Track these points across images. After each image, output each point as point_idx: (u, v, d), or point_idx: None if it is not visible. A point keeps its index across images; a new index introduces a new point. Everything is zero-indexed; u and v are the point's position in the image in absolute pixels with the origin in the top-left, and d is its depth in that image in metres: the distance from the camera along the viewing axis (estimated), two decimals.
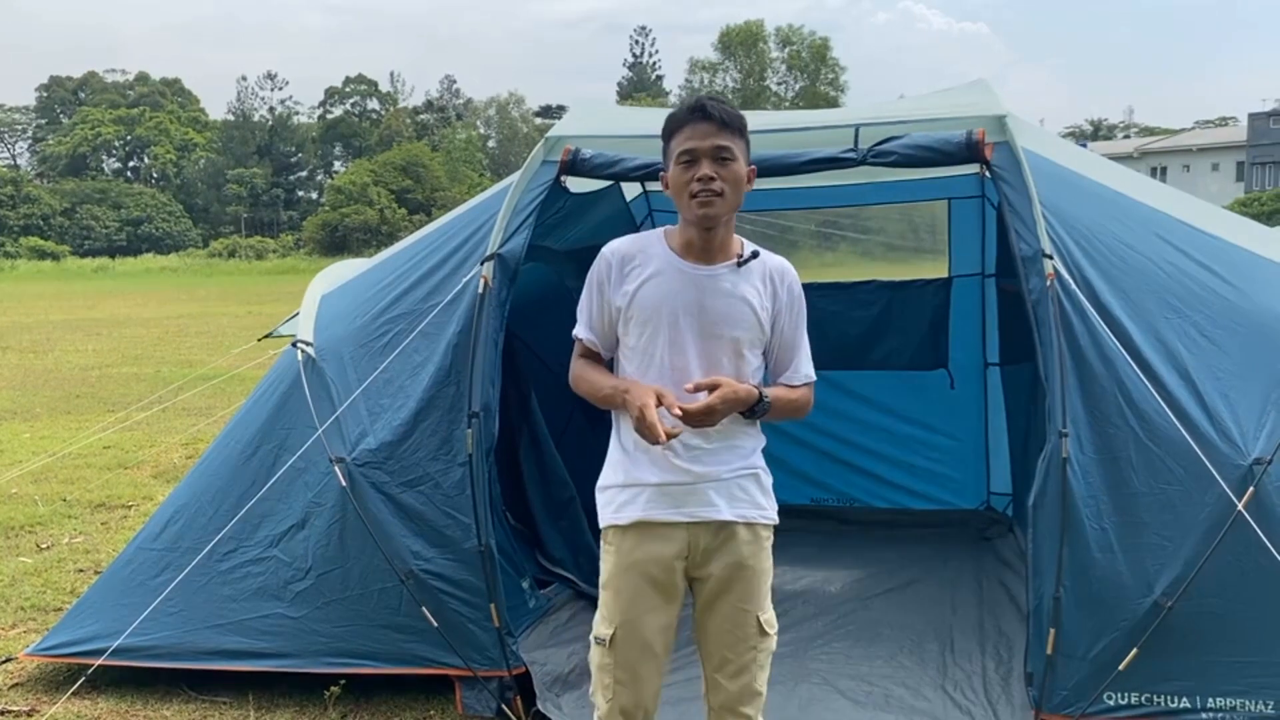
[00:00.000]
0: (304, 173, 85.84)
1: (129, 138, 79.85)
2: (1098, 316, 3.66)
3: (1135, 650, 3.42)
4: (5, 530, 6.72)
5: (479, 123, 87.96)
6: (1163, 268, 3.87)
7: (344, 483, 4.01)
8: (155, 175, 79.64)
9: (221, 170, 77.52)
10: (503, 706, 3.92)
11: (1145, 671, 3.44)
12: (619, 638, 2.70)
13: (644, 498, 2.70)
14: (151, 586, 4.21)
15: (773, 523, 2.80)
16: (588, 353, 2.87)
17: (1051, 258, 3.72)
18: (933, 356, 6.39)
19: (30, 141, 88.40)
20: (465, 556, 3.95)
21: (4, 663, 4.46)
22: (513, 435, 5.17)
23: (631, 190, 6.08)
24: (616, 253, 2.78)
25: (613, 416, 2.83)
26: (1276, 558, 3.33)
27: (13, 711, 4.10)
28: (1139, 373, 3.58)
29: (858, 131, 4.15)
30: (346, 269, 5.21)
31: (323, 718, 4.00)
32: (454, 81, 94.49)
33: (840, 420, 6.52)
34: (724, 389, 2.58)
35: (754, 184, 2.75)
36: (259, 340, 5.66)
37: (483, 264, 4.15)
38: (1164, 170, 58.66)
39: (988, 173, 4.00)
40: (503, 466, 4.85)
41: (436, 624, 3.91)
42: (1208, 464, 3.42)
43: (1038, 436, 4.11)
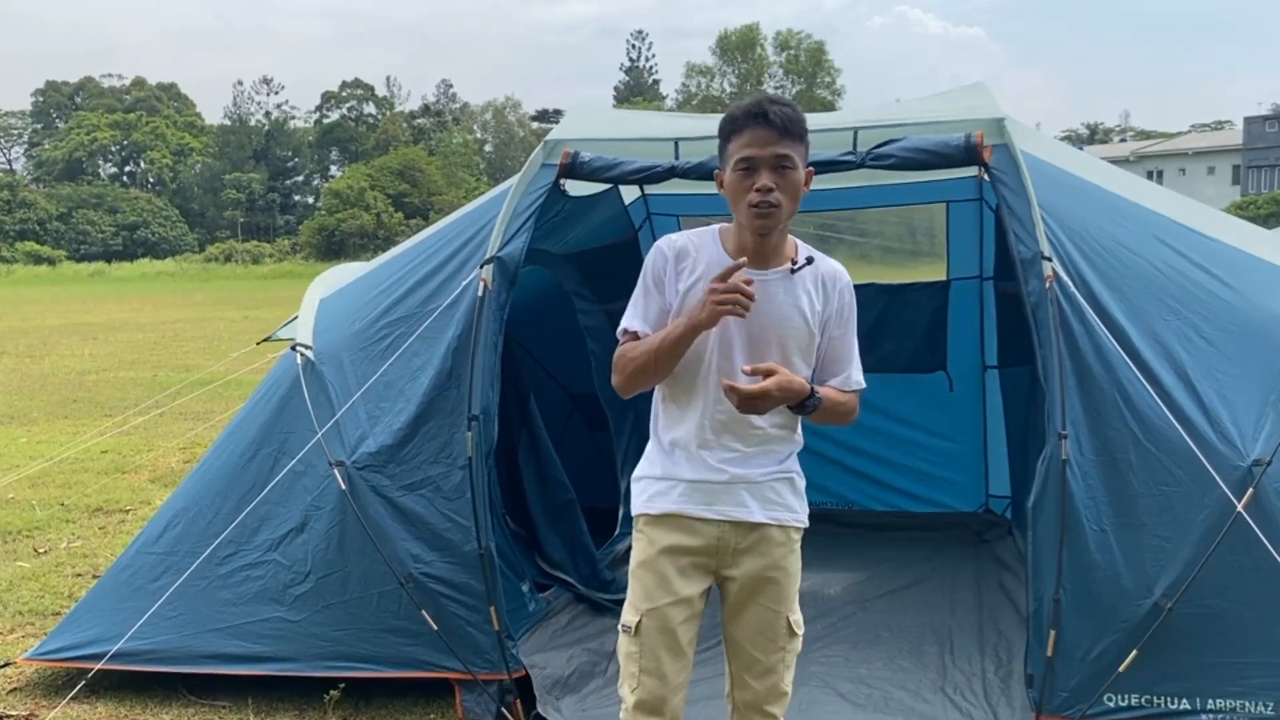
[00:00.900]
0: (300, 177, 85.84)
1: (125, 142, 79.79)
2: (1096, 318, 3.67)
3: (1135, 652, 3.42)
4: (3, 535, 6.71)
5: (475, 127, 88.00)
6: (1161, 270, 3.88)
7: (343, 486, 4.00)
8: (151, 180, 79.60)
9: (218, 175, 77.49)
10: (502, 710, 3.91)
11: (1145, 673, 3.45)
12: (644, 625, 2.70)
13: (678, 491, 2.70)
14: (150, 590, 4.20)
15: (804, 525, 2.81)
16: (635, 339, 2.74)
17: (1050, 260, 3.73)
18: (931, 359, 6.40)
19: (26, 146, 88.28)
20: (465, 560, 3.95)
21: (2, 667, 4.45)
22: (512, 438, 5.17)
23: (630, 193, 6.08)
24: (672, 246, 2.71)
25: (653, 405, 2.79)
26: (1276, 559, 3.33)
27: (11, 716, 4.09)
28: (1138, 374, 3.58)
29: (856, 134, 4.16)
30: (345, 273, 5.21)
31: None
32: (450, 86, 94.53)
33: None
34: (780, 376, 2.53)
35: (812, 185, 2.69)
36: (258, 344, 5.66)
37: (482, 267, 4.15)
38: (1160, 174, 58.79)
39: (986, 175, 4.01)
40: (502, 470, 4.85)
41: (436, 627, 3.90)
42: (1207, 465, 3.43)
43: (1036, 439, 4.12)
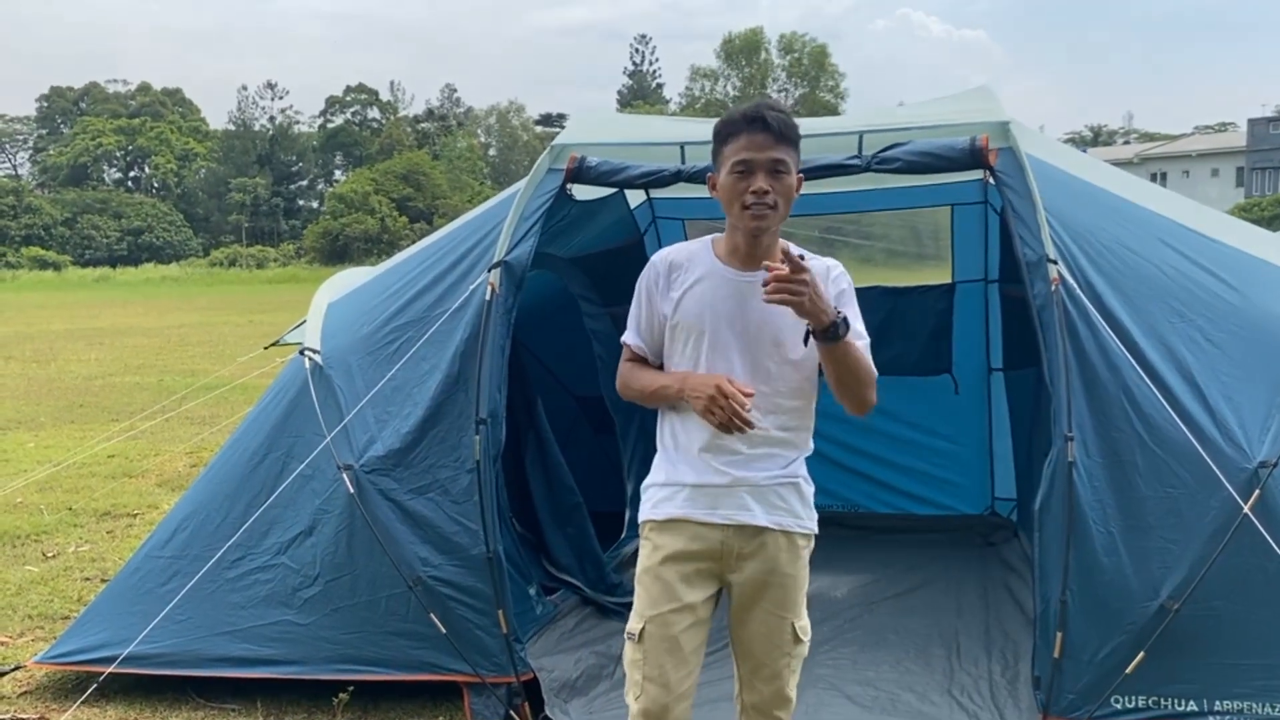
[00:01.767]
0: (305, 182, 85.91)
1: (130, 148, 79.91)
2: (1102, 321, 3.67)
3: (1142, 654, 3.43)
4: (12, 539, 6.73)
5: (479, 131, 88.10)
6: (1167, 272, 3.89)
7: (352, 490, 4.02)
8: (156, 185, 79.69)
9: (222, 179, 77.58)
10: (510, 713, 3.92)
11: (1152, 675, 3.45)
12: (648, 632, 2.71)
13: (681, 496, 2.72)
14: (160, 594, 4.22)
15: (810, 532, 2.81)
16: (635, 358, 2.85)
17: (1056, 263, 3.73)
18: (936, 362, 6.40)
19: (31, 152, 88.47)
20: (473, 563, 3.96)
21: (13, 671, 4.47)
22: (519, 442, 5.19)
23: (636, 197, 6.10)
24: (665, 260, 2.77)
25: (658, 417, 2.83)
26: None
27: (23, 719, 4.11)
28: (1144, 377, 3.59)
29: (861, 138, 4.17)
30: (353, 277, 5.23)
31: None
32: (454, 90, 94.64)
33: (843, 426, 6.51)
34: (809, 274, 2.46)
35: (802, 191, 2.73)
36: (265, 348, 5.67)
37: (489, 271, 4.17)
38: (1164, 176, 58.74)
39: (992, 179, 4.02)
40: (509, 473, 4.86)
41: (444, 630, 3.92)
42: (1213, 467, 3.43)
43: (1042, 441, 4.12)
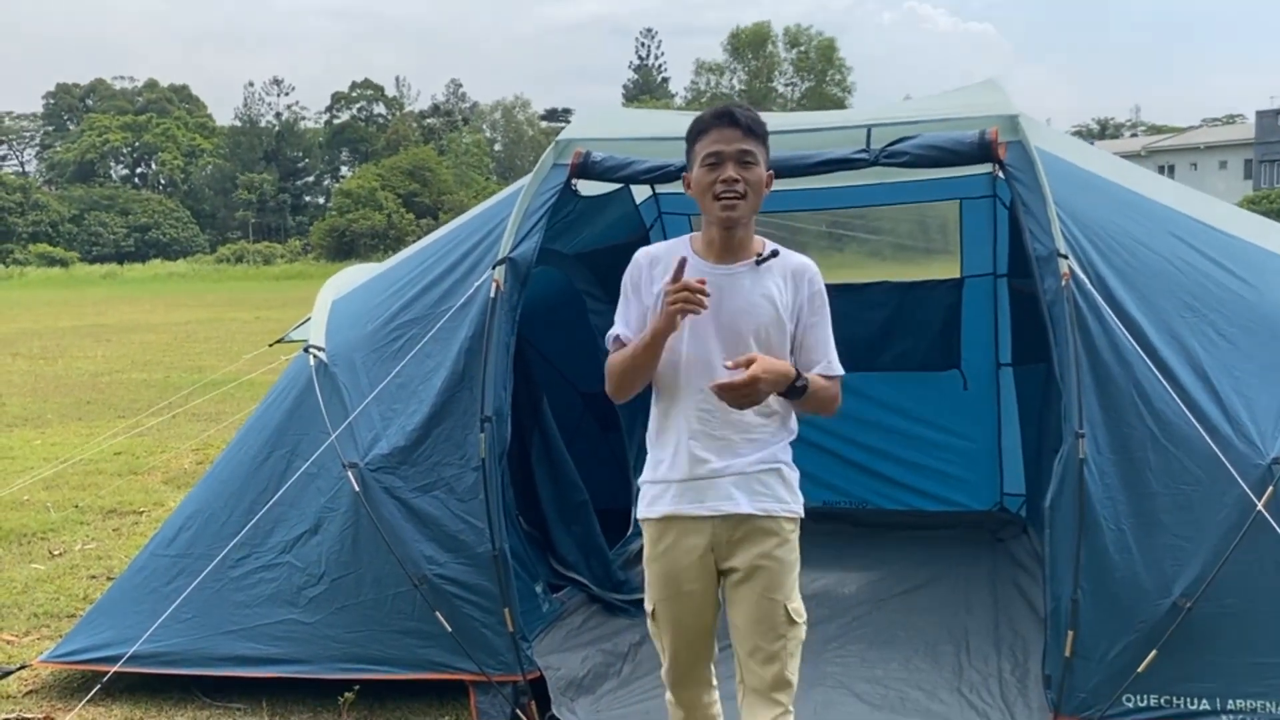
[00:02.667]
0: (311, 178, 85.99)
1: (136, 144, 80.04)
2: (1113, 316, 3.64)
3: (1154, 652, 3.40)
4: (18, 537, 6.73)
5: (484, 126, 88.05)
6: (1178, 266, 3.85)
7: (357, 488, 4.00)
8: (163, 181, 79.83)
9: (229, 176, 77.67)
10: (517, 711, 3.90)
11: (1164, 673, 3.42)
12: (659, 612, 2.93)
13: (671, 494, 2.84)
14: (165, 593, 4.21)
15: (796, 515, 2.88)
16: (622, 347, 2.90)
17: (1066, 257, 3.70)
18: (945, 357, 6.37)
19: (38, 148, 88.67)
20: (478, 561, 3.94)
21: (19, 669, 4.46)
22: (524, 439, 5.16)
23: (641, 193, 6.07)
24: (647, 256, 2.91)
25: (651, 411, 2.92)
26: None
27: (28, 718, 4.10)
28: (1155, 372, 3.56)
29: (869, 132, 4.14)
30: (357, 274, 5.21)
31: None
32: (459, 85, 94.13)
33: (852, 423, 6.48)
34: (761, 361, 2.62)
35: (772, 188, 2.84)
36: (270, 345, 5.66)
37: (494, 268, 4.15)
38: (1171, 168, 58.47)
39: (1001, 172, 3.98)
40: (515, 471, 4.84)
41: (450, 629, 3.90)
42: (1226, 464, 3.40)
43: (1052, 437, 4.09)
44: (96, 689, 4.05)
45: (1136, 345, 3.59)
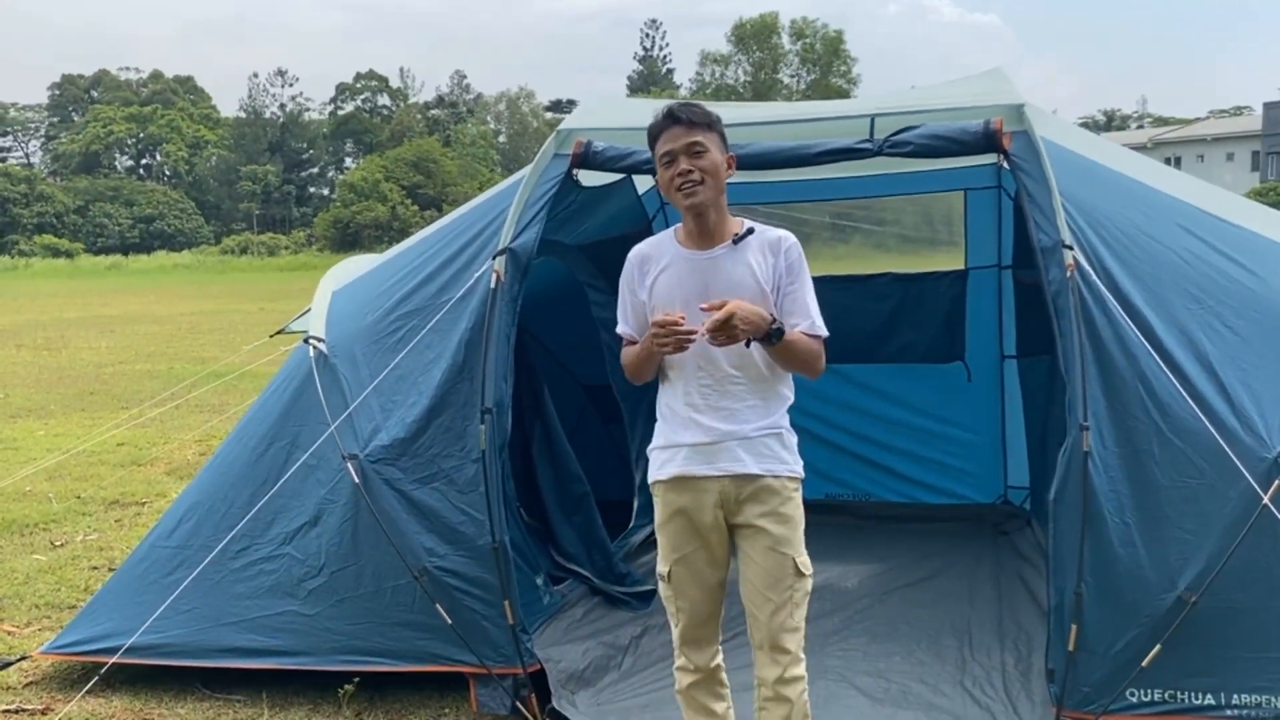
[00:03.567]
0: (315, 169, 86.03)
1: (141, 135, 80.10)
2: (1118, 307, 3.61)
3: (1159, 646, 3.37)
4: (20, 528, 6.73)
5: (489, 118, 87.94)
6: (1184, 257, 3.81)
7: (357, 479, 3.98)
8: (167, 172, 79.92)
9: (233, 167, 77.73)
10: (517, 704, 3.89)
11: (1169, 668, 3.39)
12: (674, 572, 3.09)
13: (681, 456, 3.03)
14: (165, 584, 4.19)
15: (798, 475, 3.06)
16: (629, 344, 3.17)
17: (1071, 248, 3.66)
18: (949, 349, 6.34)
19: (43, 140, 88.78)
20: (479, 553, 3.92)
21: (19, 661, 4.45)
22: (526, 431, 5.14)
23: (644, 183, 6.03)
24: (637, 255, 3.14)
25: (657, 389, 3.14)
26: None
27: (28, 710, 4.09)
28: (1161, 364, 3.52)
29: (873, 122, 4.11)
30: (357, 265, 5.19)
31: (337, 716, 3.98)
32: (464, 77, 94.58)
33: (855, 415, 6.48)
34: (735, 301, 2.82)
35: (734, 170, 3.06)
36: (271, 336, 5.65)
37: (495, 259, 4.12)
38: (1178, 160, 58.27)
39: (1006, 163, 3.95)
40: (516, 462, 4.82)
41: (450, 621, 3.88)
42: (1232, 457, 3.36)
43: (1056, 429, 4.06)
44: (95, 680, 4.04)
45: (1142, 337, 3.56)
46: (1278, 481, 3.34)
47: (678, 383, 3.04)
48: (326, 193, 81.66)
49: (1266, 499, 3.32)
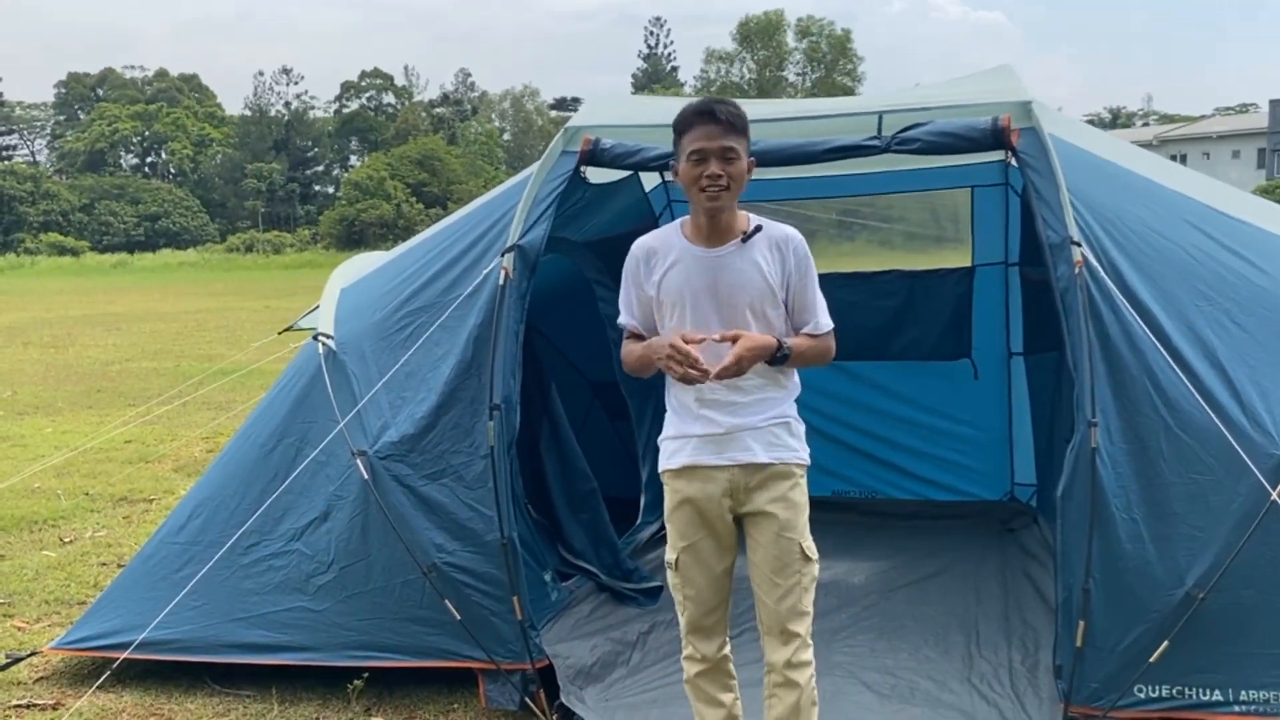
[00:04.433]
0: (320, 167, 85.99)
1: (147, 133, 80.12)
2: (1126, 304, 3.61)
3: (1166, 643, 3.37)
4: (29, 524, 6.75)
5: (494, 116, 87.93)
6: (1192, 254, 3.81)
7: (366, 476, 3.99)
8: (173, 171, 79.93)
9: (239, 165, 77.73)
10: (526, 700, 3.90)
11: (1177, 664, 3.40)
12: (681, 560, 3.13)
13: (691, 446, 3.08)
14: (174, 580, 4.21)
15: (805, 463, 3.12)
16: (632, 336, 3.19)
17: (1079, 245, 3.66)
18: (956, 346, 6.34)
19: (49, 138, 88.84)
20: (487, 549, 3.93)
21: (29, 656, 4.47)
22: (533, 427, 5.15)
23: (650, 180, 6.04)
24: (642, 248, 3.14)
25: (664, 384, 3.15)
26: None
27: (38, 705, 4.11)
28: (1169, 361, 3.52)
29: (881, 119, 4.11)
30: (366, 262, 5.19)
31: (346, 711, 4.00)
32: (469, 75, 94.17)
33: (862, 412, 6.48)
34: (744, 340, 2.91)
35: (754, 174, 3.05)
36: (279, 334, 5.65)
37: (503, 255, 4.13)
38: (1184, 158, 58.07)
39: (1013, 159, 3.95)
40: (524, 459, 4.82)
41: (459, 617, 3.89)
42: (1240, 453, 3.36)
43: (1063, 426, 4.06)
44: (106, 676, 4.06)
45: (1150, 333, 3.56)
46: None
47: None
48: (331, 191, 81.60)
49: (1275, 495, 3.33)
